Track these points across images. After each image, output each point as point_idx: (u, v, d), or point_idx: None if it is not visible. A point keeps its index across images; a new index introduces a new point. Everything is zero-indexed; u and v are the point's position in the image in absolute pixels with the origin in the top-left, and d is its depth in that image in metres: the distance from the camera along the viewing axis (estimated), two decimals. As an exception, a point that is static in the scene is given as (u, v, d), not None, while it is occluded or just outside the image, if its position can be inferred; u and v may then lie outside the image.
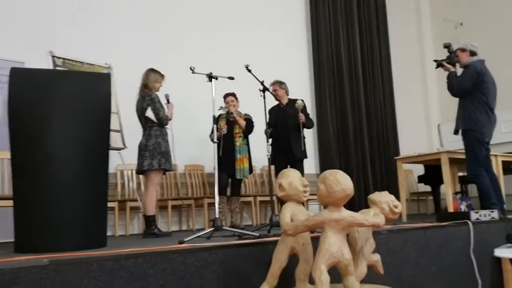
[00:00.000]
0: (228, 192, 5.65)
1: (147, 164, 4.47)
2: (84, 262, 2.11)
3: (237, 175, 5.50)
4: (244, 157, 5.54)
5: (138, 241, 3.91)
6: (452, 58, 5.00)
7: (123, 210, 5.56)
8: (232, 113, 5.50)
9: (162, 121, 4.58)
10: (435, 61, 5.19)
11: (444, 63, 5.01)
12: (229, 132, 5.50)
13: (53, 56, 5.15)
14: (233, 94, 5.64)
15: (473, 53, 4.93)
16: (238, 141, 5.56)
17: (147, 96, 4.58)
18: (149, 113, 4.54)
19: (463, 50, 4.97)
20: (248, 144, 5.65)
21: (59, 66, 5.17)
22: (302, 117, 5.43)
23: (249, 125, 5.64)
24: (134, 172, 5.79)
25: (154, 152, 4.49)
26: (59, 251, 2.72)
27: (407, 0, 9.61)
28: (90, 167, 3.11)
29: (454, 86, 4.86)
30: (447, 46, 5.04)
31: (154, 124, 4.57)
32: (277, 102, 5.33)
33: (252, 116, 5.70)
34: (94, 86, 3.29)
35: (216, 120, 4.42)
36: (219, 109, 5.40)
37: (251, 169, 5.69)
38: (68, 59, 5.28)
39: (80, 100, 3.14)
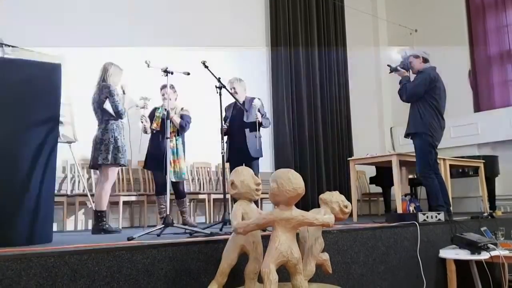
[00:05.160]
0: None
1: (102, 158, 4.36)
2: (24, 258, 2.02)
3: (173, 177, 5.08)
4: (179, 158, 5.17)
5: (86, 237, 3.81)
6: (406, 64, 5.13)
7: (72, 205, 5.40)
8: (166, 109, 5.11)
9: (120, 115, 4.48)
10: (389, 66, 5.29)
11: (399, 68, 5.13)
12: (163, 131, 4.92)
13: (2, 44, 4.93)
14: (171, 86, 5.10)
15: (426, 60, 5.07)
16: (172, 141, 5.14)
17: (106, 88, 4.48)
18: (107, 106, 4.44)
19: (416, 56, 5.10)
20: (183, 143, 5.30)
21: (8, 54, 4.95)
22: (258, 116, 5.43)
23: (183, 124, 5.23)
24: (85, 166, 5.65)
25: (110, 146, 4.39)
26: (0, 246, 2.59)
27: (365, 5, 9.80)
28: (36, 159, 2.99)
29: (408, 90, 4.97)
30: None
31: (111, 117, 4.47)
32: (234, 100, 5.30)
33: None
34: (43, 75, 3.16)
35: (152, 113, 4.42)
36: (140, 107, 5.02)
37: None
38: (18, 47, 5.07)
39: (27, 89, 3.01)
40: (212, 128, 5.53)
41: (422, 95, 4.90)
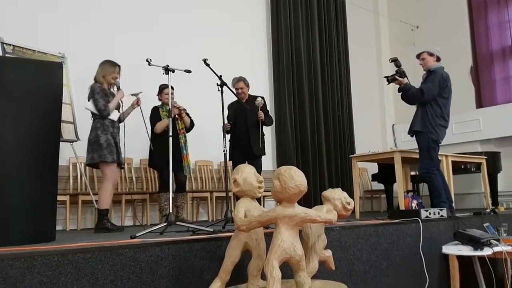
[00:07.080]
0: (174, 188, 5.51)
1: (89, 158, 4.44)
2: (28, 256, 2.03)
3: (185, 172, 5.45)
4: (187, 154, 5.48)
5: (89, 236, 3.81)
6: (401, 71, 5.06)
7: (75, 204, 5.40)
8: (181, 108, 5.41)
9: (101, 113, 4.45)
10: (386, 77, 5.21)
11: (397, 77, 5.05)
12: (173, 128, 5.33)
13: (3, 43, 4.93)
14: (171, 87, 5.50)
15: (439, 59, 5.04)
16: (182, 138, 5.46)
17: (89, 88, 4.53)
18: (88, 105, 4.46)
19: (430, 54, 5.04)
20: (186, 140, 5.57)
21: (8, 53, 4.96)
22: (261, 114, 5.43)
23: (192, 122, 5.60)
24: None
25: (95, 146, 4.40)
26: (4, 246, 2.60)
27: (366, 1, 9.77)
28: (39, 159, 3.00)
29: (425, 92, 4.88)
30: (394, 60, 5.11)
31: (97, 116, 4.48)
32: (236, 98, 5.28)
33: (211, 108, 5.57)
34: (44, 75, 3.16)
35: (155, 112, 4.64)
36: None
37: None
38: (18, 46, 5.07)
39: (28, 89, 3.01)
40: (214, 126, 5.53)
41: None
